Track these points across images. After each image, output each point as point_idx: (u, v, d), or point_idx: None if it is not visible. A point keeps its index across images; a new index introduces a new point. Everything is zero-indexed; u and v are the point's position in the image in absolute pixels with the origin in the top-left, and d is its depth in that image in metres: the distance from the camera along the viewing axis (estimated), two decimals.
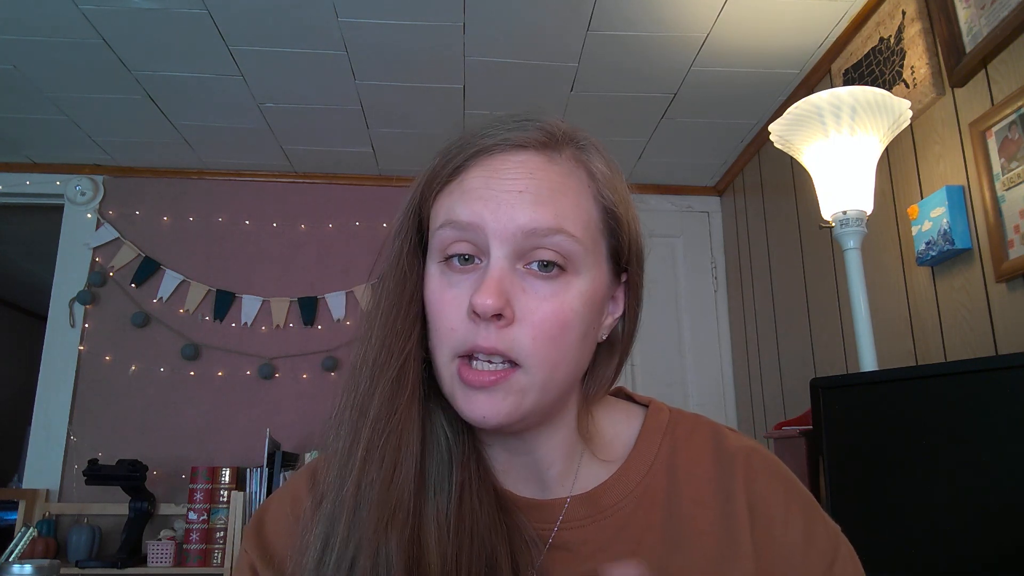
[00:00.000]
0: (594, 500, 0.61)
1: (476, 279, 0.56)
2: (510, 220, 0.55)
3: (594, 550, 0.59)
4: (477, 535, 0.56)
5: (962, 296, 1.65)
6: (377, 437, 0.55)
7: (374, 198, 3.20)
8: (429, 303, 0.58)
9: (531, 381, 0.55)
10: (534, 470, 0.63)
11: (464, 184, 0.57)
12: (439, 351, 0.57)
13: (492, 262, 0.55)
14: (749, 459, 0.62)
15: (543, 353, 0.55)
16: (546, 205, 0.55)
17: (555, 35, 2.19)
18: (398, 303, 0.59)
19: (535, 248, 0.55)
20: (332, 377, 2.99)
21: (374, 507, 0.54)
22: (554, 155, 0.58)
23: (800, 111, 1.61)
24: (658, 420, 0.65)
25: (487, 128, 0.59)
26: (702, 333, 3.17)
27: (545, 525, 0.60)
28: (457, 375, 0.56)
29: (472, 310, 0.54)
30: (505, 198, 0.55)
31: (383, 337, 0.58)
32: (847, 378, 1.36)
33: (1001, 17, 1.49)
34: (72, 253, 3.01)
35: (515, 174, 0.56)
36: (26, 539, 1.32)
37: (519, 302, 0.55)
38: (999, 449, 1.07)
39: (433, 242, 0.58)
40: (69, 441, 2.84)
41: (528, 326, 0.55)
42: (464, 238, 0.56)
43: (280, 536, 0.63)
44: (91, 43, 2.22)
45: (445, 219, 0.57)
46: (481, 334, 0.54)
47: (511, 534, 0.58)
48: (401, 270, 0.60)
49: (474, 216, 0.55)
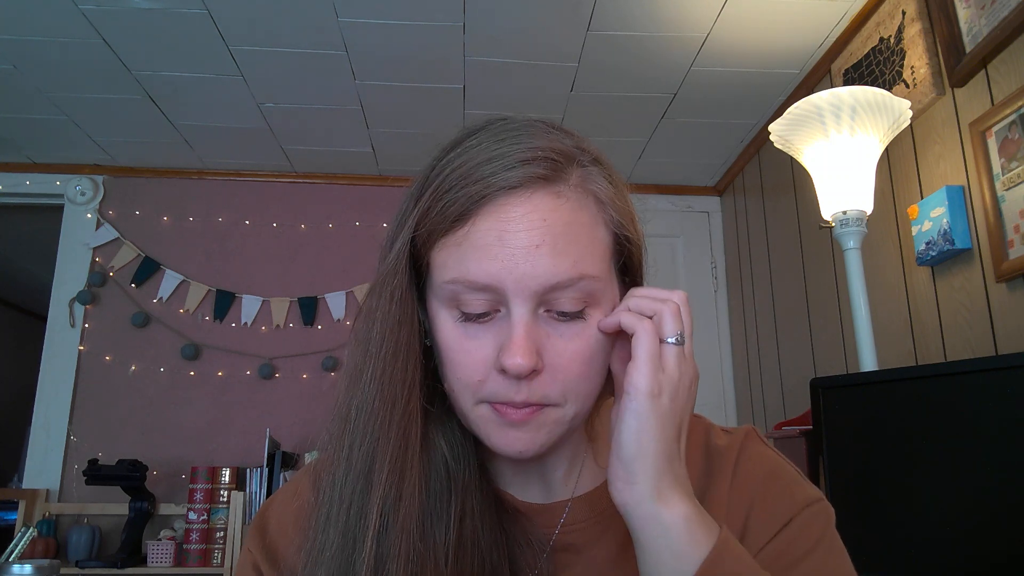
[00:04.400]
0: (593, 501, 0.62)
1: (499, 331, 0.54)
2: (531, 279, 0.52)
3: (594, 551, 0.60)
4: (478, 552, 0.56)
5: (962, 296, 1.65)
6: (387, 505, 0.54)
7: (374, 198, 3.20)
8: (445, 349, 0.55)
9: (565, 414, 0.55)
10: (541, 474, 0.63)
11: (472, 238, 0.53)
12: (462, 396, 0.56)
13: (515, 318, 0.53)
14: (743, 446, 0.62)
15: (575, 390, 0.55)
16: (564, 254, 0.53)
17: (555, 35, 2.19)
18: (395, 353, 0.56)
19: (556, 295, 0.53)
20: (332, 377, 2.99)
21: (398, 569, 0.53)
22: (561, 188, 0.54)
23: (800, 111, 1.61)
24: None
25: (484, 164, 0.53)
26: (702, 333, 3.16)
27: (547, 529, 0.61)
28: (493, 411, 0.55)
29: (503, 368, 0.52)
30: (522, 255, 0.52)
31: (381, 390, 0.55)
32: (847, 378, 1.36)
33: (1001, 17, 1.49)
34: (72, 253, 3.01)
35: (527, 223, 0.52)
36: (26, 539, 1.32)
37: (546, 349, 0.54)
38: (999, 449, 1.07)
39: (442, 292, 0.55)
40: (69, 441, 2.84)
41: (559, 371, 0.54)
42: (480, 297, 0.54)
43: (283, 535, 0.63)
44: (91, 43, 2.22)
45: (457, 276, 0.53)
46: (512, 388, 0.53)
47: (512, 542, 0.58)
48: (395, 316, 0.56)
49: (491, 278, 0.52)
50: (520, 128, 0.56)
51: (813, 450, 1.47)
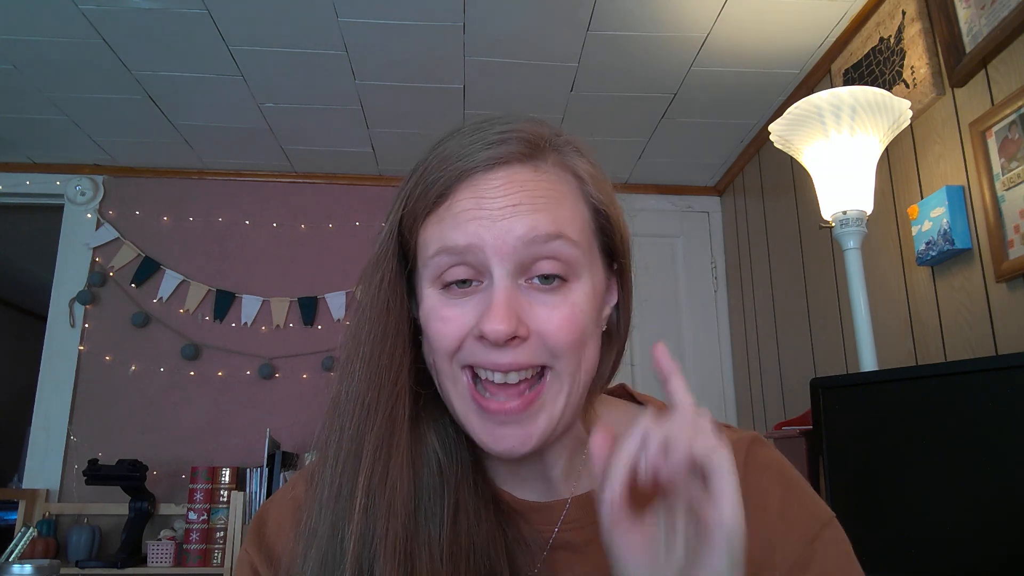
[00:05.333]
0: (592, 500, 0.61)
1: (480, 300, 0.55)
2: (508, 233, 0.53)
3: (594, 549, 0.59)
4: (474, 552, 0.56)
5: (962, 296, 1.65)
6: (374, 481, 0.54)
7: (374, 198, 3.20)
8: (429, 325, 0.56)
9: (560, 385, 0.55)
10: (538, 472, 0.63)
11: (453, 208, 0.55)
12: (442, 366, 0.56)
13: (496, 282, 0.54)
14: (751, 449, 0.62)
15: (566, 355, 0.55)
16: (542, 212, 0.54)
17: (555, 35, 2.19)
18: (383, 336, 0.57)
19: (536, 260, 0.54)
20: (332, 377, 2.98)
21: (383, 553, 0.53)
22: (539, 164, 0.56)
23: (800, 111, 1.61)
24: None
25: (465, 146, 0.56)
26: (702, 333, 3.17)
27: (546, 527, 0.61)
28: (473, 401, 0.55)
29: (481, 334, 0.53)
30: (499, 214, 0.54)
31: (370, 373, 0.56)
32: (847, 378, 1.36)
33: (1001, 17, 1.49)
34: (72, 253, 3.01)
35: (505, 191, 0.54)
36: (26, 539, 1.32)
37: (530, 317, 0.54)
38: (999, 449, 1.07)
39: (427, 271, 0.57)
40: (69, 441, 2.84)
41: (547, 337, 0.54)
42: (461, 262, 0.55)
43: (281, 536, 0.63)
44: (91, 43, 2.22)
45: (439, 246, 0.55)
46: (492, 355, 0.54)
47: (510, 541, 0.58)
48: (383, 300, 0.57)
49: (470, 237, 0.54)
50: (498, 118, 0.59)
51: (813, 450, 1.47)
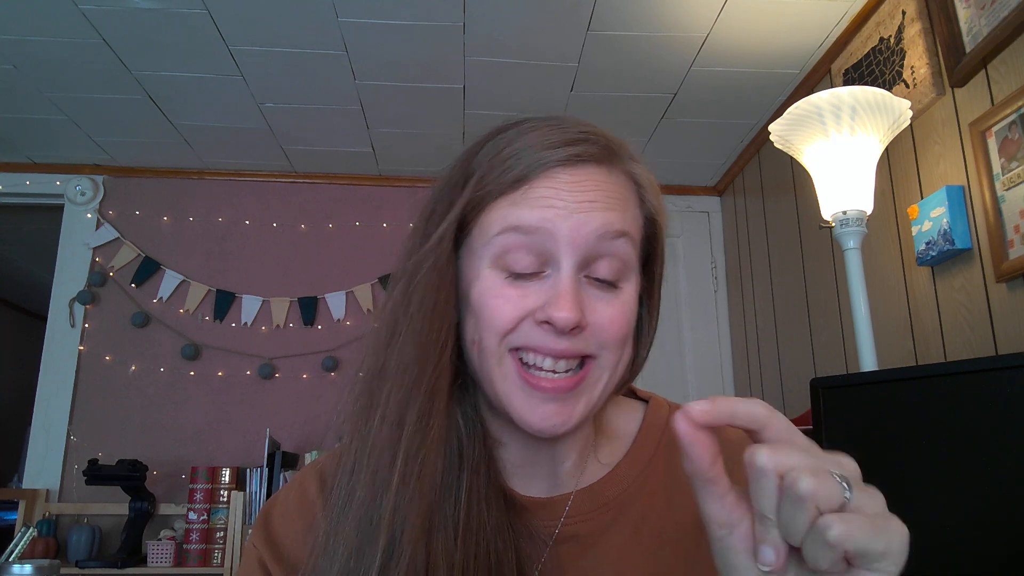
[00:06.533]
0: (596, 494, 0.62)
1: (544, 287, 0.56)
2: (583, 226, 0.56)
3: (600, 542, 0.60)
4: (484, 538, 0.56)
5: (962, 296, 1.65)
6: (412, 451, 0.55)
7: (374, 198, 3.20)
8: (485, 303, 0.57)
9: (600, 374, 0.58)
10: (549, 465, 0.63)
11: (530, 194, 0.56)
12: (489, 344, 0.57)
13: (564, 271, 0.55)
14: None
15: (613, 349, 0.58)
16: (614, 211, 0.57)
17: (555, 35, 2.19)
18: (433, 309, 0.57)
19: (599, 257, 0.57)
20: (332, 377, 2.99)
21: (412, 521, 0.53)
22: (611, 167, 0.60)
23: (800, 111, 1.61)
24: (658, 415, 0.67)
25: (546, 136, 0.58)
26: (702, 333, 3.17)
27: (550, 522, 0.61)
28: (520, 377, 0.56)
29: (547, 322, 0.54)
30: (576, 207, 0.56)
31: (419, 344, 0.56)
32: (847, 378, 1.36)
33: (1001, 17, 1.49)
34: (72, 253, 3.01)
35: (583, 187, 0.57)
36: (26, 539, 1.32)
37: (588, 310, 0.56)
38: (999, 449, 1.07)
39: (487, 249, 0.57)
40: (69, 441, 2.84)
41: (600, 330, 0.56)
42: (529, 244, 0.56)
43: (288, 531, 0.63)
44: (91, 43, 2.22)
45: (510, 224, 0.56)
46: (549, 339, 0.55)
47: (517, 533, 0.58)
48: (437, 274, 0.58)
49: (544, 221, 0.55)
50: (571, 118, 0.62)
51: None
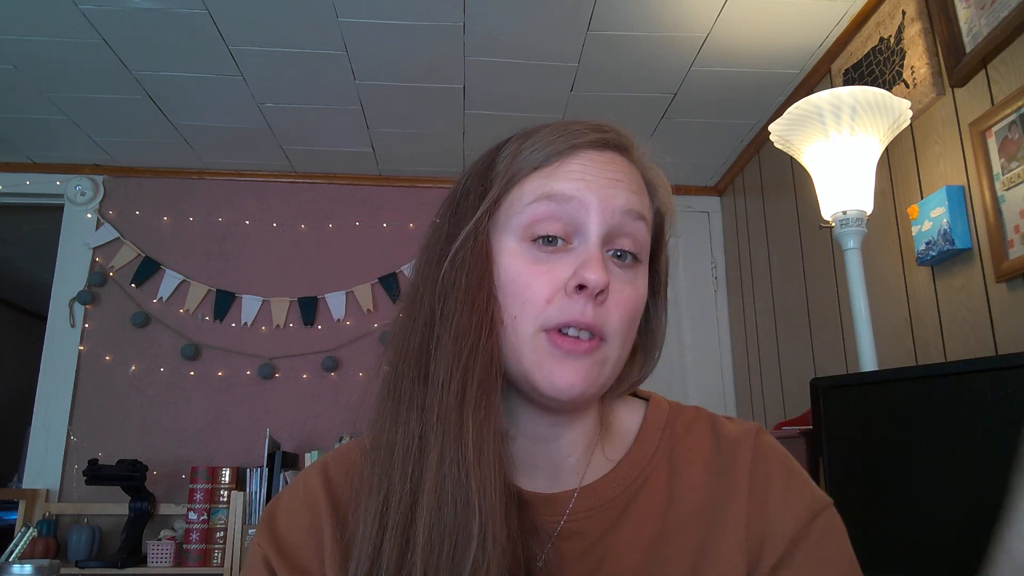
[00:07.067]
0: (598, 492, 0.63)
1: (573, 259, 0.58)
2: (612, 199, 0.59)
3: (603, 540, 0.60)
4: None
5: (962, 296, 1.65)
6: (479, 408, 0.55)
7: (374, 198, 3.20)
8: (515, 278, 0.58)
9: (611, 354, 0.59)
10: (553, 460, 0.64)
11: (562, 168, 0.59)
12: (524, 323, 0.57)
13: (592, 241, 0.58)
14: (757, 439, 0.65)
15: (623, 332, 0.59)
16: (636, 194, 0.62)
17: (555, 35, 2.19)
18: (479, 287, 0.57)
19: (620, 235, 0.60)
20: (332, 377, 2.99)
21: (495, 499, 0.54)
22: (631, 160, 0.64)
23: (800, 111, 1.61)
24: (658, 414, 0.68)
25: (573, 123, 0.62)
26: (702, 333, 3.17)
27: (553, 518, 0.61)
28: (549, 343, 0.57)
29: (580, 284, 0.56)
30: (605, 183, 0.60)
31: (469, 315, 0.56)
32: (847, 378, 1.36)
33: (1001, 17, 1.49)
34: (72, 253, 3.02)
35: (611, 168, 0.61)
36: (26, 539, 1.32)
37: (611, 280, 0.58)
38: (999, 449, 1.07)
39: (517, 219, 0.59)
40: (69, 441, 2.84)
41: (616, 305, 0.58)
42: (558, 215, 0.58)
43: (293, 529, 0.63)
44: (91, 43, 2.22)
45: (543, 193, 0.59)
46: (578, 308, 0.56)
47: (521, 529, 0.58)
48: (480, 249, 0.58)
49: (577, 191, 0.58)
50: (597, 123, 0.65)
51: (813, 450, 1.47)
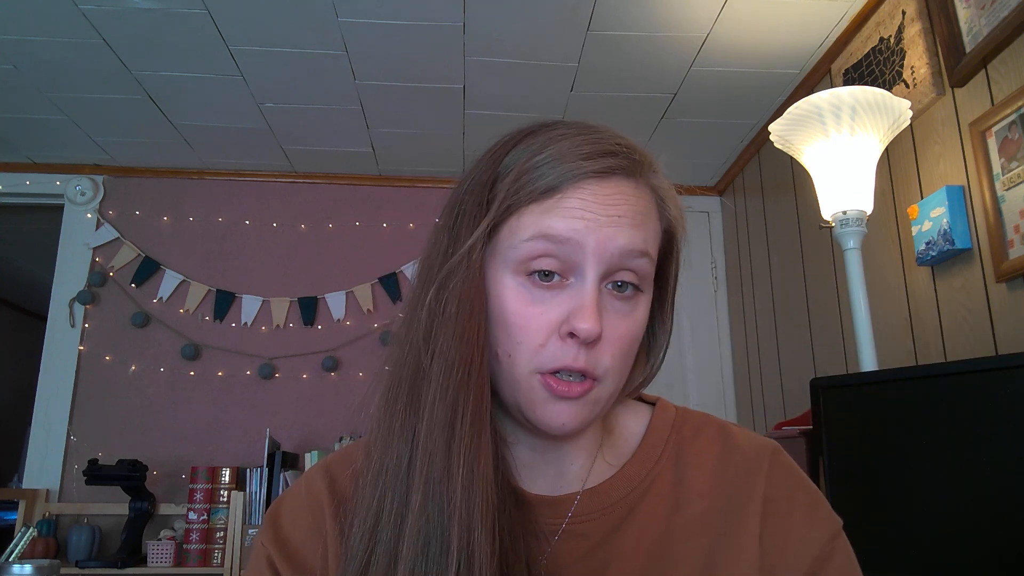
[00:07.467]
0: (601, 495, 0.62)
1: (567, 299, 0.57)
2: (610, 240, 0.57)
3: (602, 540, 0.60)
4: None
5: (962, 296, 1.65)
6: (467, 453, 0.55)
7: (374, 198, 3.20)
8: (509, 315, 0.57)
9: (603, 393, 0.59)
10: (557, 466, 0.64)
11: (562, 203, 0.57)
12: (519, 363, 0.57)
13: (588, 284, 0.56)
14: (775, 457, 0.64)
15: (618, 368, 0.59)
16: (639, 228, 0.58)
17: (555, 35, 2.19)
18: (470, 311, 0.57)
19: (620, 269, 0.58)
20: (332, 377, 2.99)
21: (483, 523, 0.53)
22: (638, 180, 0.61)
23: (800, 111, 1.61)
24: (665, 418, 0.67)
25: (578, 146, 0.59)
26: (702, 333, 3.17)
27: (556, 520, 0.61)
28: (543, 386, 0.57)
29: (572, 334, 0.55)
30: (605, 220, 0.57)
31: (460, 346, 0.56)
32: (847, 378, 1.36)
33: (1001, 17, 1.49)
34: (72, 253, 3.02)
35: (614, 200, 0.58)
36: (26, 539, 1.32)
37: (605, 322, 0.57)
38: (999, 449, 1.07)
39: (513, 252, 0.58)
40: (69, 441, 2.84)
41: (609, 344, 0.57)
42: (555, 253, 0.56)
43: (296, 530, 0.63)
44: (91, 43, 2.22)
45: (539, 231, 0.57)
46: (571, 354, 0.56)
47: (525, 530, 0.59)
48: (471, 278, 0.58)
49: (574, 232, 0.56)
50: (603, 127, 0.63)
51: (813, 450, 1.47)
